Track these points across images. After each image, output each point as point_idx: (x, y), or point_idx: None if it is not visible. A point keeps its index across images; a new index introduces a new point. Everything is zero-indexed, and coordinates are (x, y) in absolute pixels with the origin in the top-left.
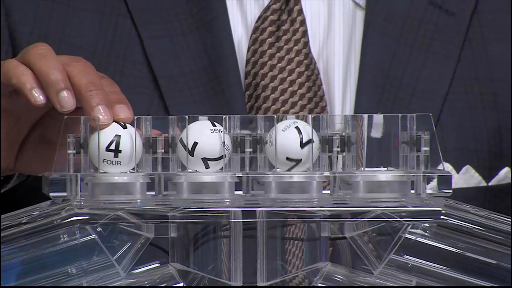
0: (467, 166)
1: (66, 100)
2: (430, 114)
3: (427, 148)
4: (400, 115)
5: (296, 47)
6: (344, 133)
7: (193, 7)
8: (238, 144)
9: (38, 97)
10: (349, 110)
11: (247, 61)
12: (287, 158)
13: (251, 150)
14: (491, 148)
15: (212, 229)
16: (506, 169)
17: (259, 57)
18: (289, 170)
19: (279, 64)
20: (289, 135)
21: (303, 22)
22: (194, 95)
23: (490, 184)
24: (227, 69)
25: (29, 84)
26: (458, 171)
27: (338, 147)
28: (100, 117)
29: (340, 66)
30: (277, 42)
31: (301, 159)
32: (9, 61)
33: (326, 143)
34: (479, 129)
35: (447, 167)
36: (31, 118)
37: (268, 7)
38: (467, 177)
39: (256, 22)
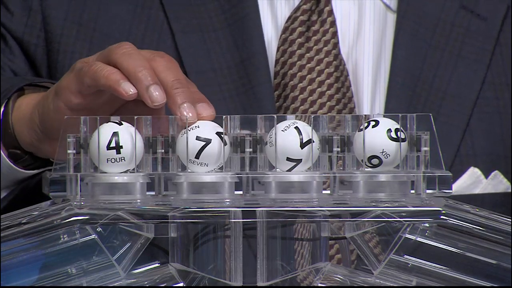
0: (496, 172)
1: (157, 94)
2: (430, 114)
3: (427, 148)
4: (400, 115)
5: (325, 48)
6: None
7: (224, 3)
8: (238, 144)
9: (129, 89)
10: (379, 112)
11: (276, 61)
12: (288, 159)
13: (251, 150)
14: None
15: (212, 229)
16: None
17: (288, 57)
18: (289, 170)
19: (308, 65)
20: (289, 135)
21: (333, 23)
22: (224, 92)
23: None
24: (257, 67)
25: (118, 80)
26: (486, 176)
27: (338, 147)
28: (186, 114)
29: (370, 68)
30: (307, 43)
31: (301, 159)
32: (94, 63)
33: (326, 143)
34: (508, 135)
35: (476, 172)
36: (106, 112)
37: (298, 8)
38: (495, 183)
39: (286, 22)
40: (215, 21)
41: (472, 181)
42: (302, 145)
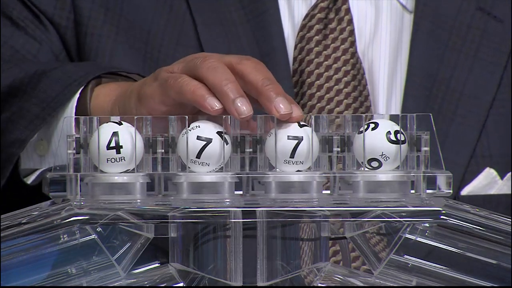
0: (508, 173)
1: (243, 107)
2: (430, 114)
3: (427, 148)
4: (400, 115)
5: (343, 46)
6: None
7: None
8: (238, 144)
9: (214, 105)
10: (395, 111)
11: (294, 59)
12: (288, 137)
13: (251, 150)
14: None
15: (212, 229)
16: None
17: (306, 54)
18: (293, 151)
19: (326, 62)
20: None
21: (350, 21)
22: None
23: None
24: (277, 62)
25: (204, 95)
26: (502, 177)
27: (338, 147)
28: (282, 107)
29: (386, 67)
30: (324, 40)
31: (302, 136)
32: (180, 76)
33: (326, 143)
34: None
35: (491, 173)
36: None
37: (316, 5)
38: (510, 184)
39: (304, 19)
40: (235, 16)
41: (487, 182)
42: (301, 125)
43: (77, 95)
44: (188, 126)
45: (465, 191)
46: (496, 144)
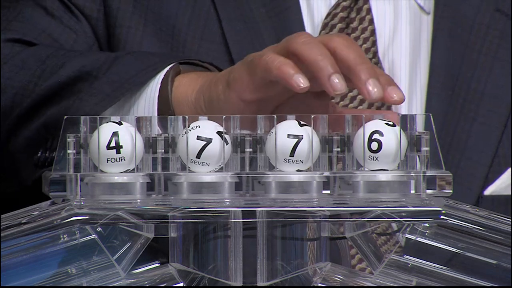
0: None
1: (338, 83)
2: (430, 114)
3: (427, 148)
4: (400, 114)
5: (364, 45)
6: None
7: None
8: (238, 144)
9: (300, 82)
10: (419, 110)
11: None
12: (288, 136)
13: (251, 150)
14: None
15: (212, 229)
16: None
17: None
18: (293, 150)
19: None
20: (287, 121)
21: (371, 21)
22: None
23: None
24: None
25: (291, 72)
26: None
27: (338, 147)
28: (372, 90)
29: (406, 67)
30: None
31: (302, 135)
32: (266, 54)
33: (326, 143)
34: None
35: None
36: (275, 102)
37: (338, 4)
38: None
39: (326, 18)
40: (256, 13)
41: (510, 182)
42: (301, 125)
43: (156, 83)
44: (188, 126)
45: (489, 191)
46: None
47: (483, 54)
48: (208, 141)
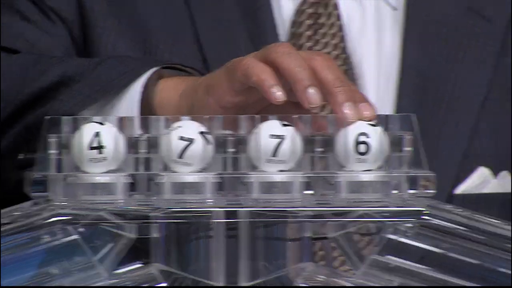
0: (504, 172)
1: (314, 96)
2: (413, 114)
3: (409, 149)
4: (383, 115)
5: (333, 41)
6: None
7: None
8: (220, 144)
9: (278, 95)
10: (389, 110)
11: None
12: (270, 136)
13: (234, 150)
14: None
15: (194, 230)
16: None
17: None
18: (275, 150)
19: None
20: (269, 121)
21: (339, 17)
22: None
23: None
24: None
25: (269, 82)
26: (495, 176)
27: (320, 147)
28: (348, 113)
29: (375, 64)
30: (315, 35)
31: (284, 135)
32: (247, 59)
33: (309, 143)
34: None
35: (484, 172)
36: (254, 109)
37: (304, 1)
38: (504, 182)
39: (294, 15)
40: (230, 13)
41: (480, 181)
42: (284, 125)
43: (138, 87)
44: (171, 126)
45: (459, 190)
46: (489, 144)
47: (453, 53)
48: (191, 141)
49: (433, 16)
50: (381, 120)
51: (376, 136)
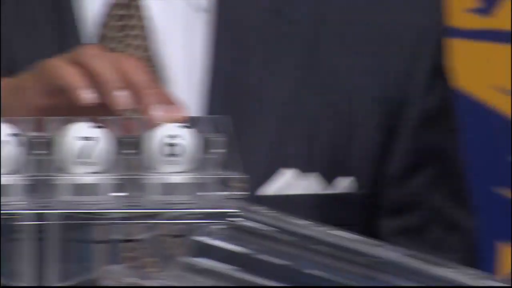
0: (312, 173)
1: (122, 98)
2: (227, 116)
3: (222, 150)
4: (196, 116)
5: (143, 43)
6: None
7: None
8: (30, 146)
9: (85, 95)
10: (201, 114)
11: None
12: (79, 138)
13: (45, 152)
14: (333, 156)
15: (5, 232)
16: (349, 178)
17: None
18: (84, 152)
19: None
20: (78, 123)
21: (148, 19)
22: None
23: (330, 192)
24: None
25: (77, 84)
26: (302, 178)
27: (131, 149)
28: (157, 115)
29: (183, 66)
30: (126, 38)
31: (93, 137)
32: (56, 61)
33: (119, 144)
34: (324, 137)
35: (291, 173)
36: (66, 112)
37: (113, 2)
38: (311, 184)
39: (104, 17)
40: (39, 15)
41: (288, 182)
42: (98, 127)
43: None
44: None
45: (265, 191)
46: (296, 145)
47: (260, 54)
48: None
49: (240, 19)
50: (194, 122)
51: (187, 138)
